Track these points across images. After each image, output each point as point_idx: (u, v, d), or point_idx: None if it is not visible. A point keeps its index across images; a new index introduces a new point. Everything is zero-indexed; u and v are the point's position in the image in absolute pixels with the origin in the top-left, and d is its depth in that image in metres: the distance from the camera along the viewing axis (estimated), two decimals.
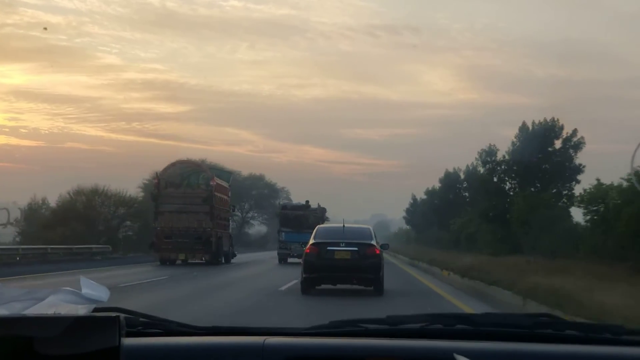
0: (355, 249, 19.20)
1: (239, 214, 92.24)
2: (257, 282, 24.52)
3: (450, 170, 70.61)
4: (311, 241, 19.95)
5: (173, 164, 38.67)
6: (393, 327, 2.49)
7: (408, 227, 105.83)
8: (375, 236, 20.58)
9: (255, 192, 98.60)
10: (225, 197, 41.45)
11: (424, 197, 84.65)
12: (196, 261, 36.84)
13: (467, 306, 17.04)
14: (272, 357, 2.25)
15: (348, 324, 2.52)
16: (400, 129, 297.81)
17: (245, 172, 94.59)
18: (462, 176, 67.34)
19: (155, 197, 38.35)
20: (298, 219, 42.71)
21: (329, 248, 19.25)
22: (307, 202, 44.94)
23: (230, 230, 43.01)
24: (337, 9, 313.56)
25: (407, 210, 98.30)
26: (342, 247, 19.24)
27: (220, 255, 38.18)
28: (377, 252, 19.46)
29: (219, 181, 40.24)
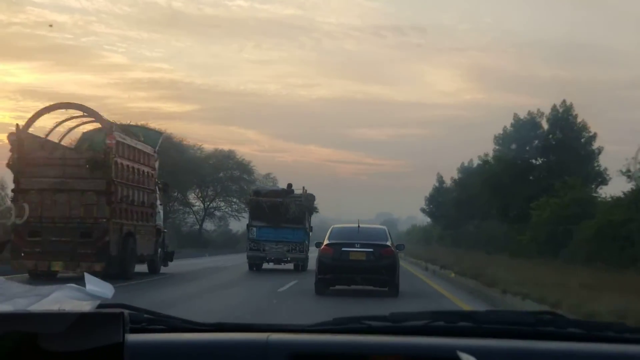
0: (371, 249, 19.09)
1: (201, 204, 71.51)
2: None
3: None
4: (325, 242, 19.84)
5: (49, 108, 24.30)
6: (396, 325, 2.50)
7: (429, 221, 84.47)
8: (390, 237, 20.47)
9: (223, 174, 71.28)
10: (147, 169, 25.88)
11: (454, 178, 67.24)
12: (82, 273, 11.90)
13: None
14: (276, 354, 2.25)
15: (351, 321, 2.53)
16: (405, 129, 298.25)
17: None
18: (544, 124, 45.58)
19: (13, 165, 22.80)
20: (275, 208, 30.87)
21: (343, 249, 19.12)
22: (289, 185, 33.31)
23: (158, 223, 27.63)
24: (343, 9, 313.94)
25: (430, 198, 76.40)
26: (357, 247, 19.12)
27: (127, 263, 23.51)
28: (393, 253, 19.38)
29: (130, 141, 24.52)
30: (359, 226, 20.42)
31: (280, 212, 30.94)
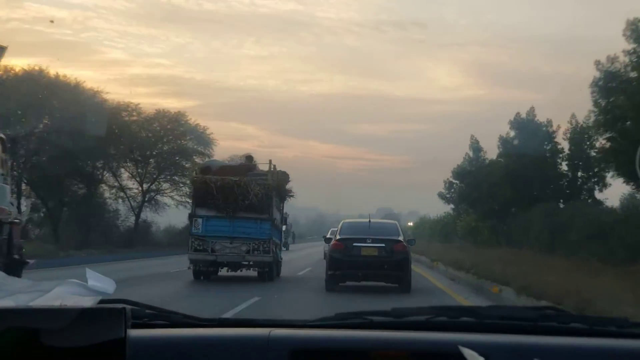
0: (383, 245, 18.81)
1: (139, 191, 51.96)
2: None
3: None
4: (337, 237, 19.49)
5: None
6: (398, 320, 2.50)
7: (450, 210, 60.41)
8: (402, 232, 20.21)
9: (168, 147, 51.48)
10: None
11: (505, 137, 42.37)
12: None
13: None
14: (278, 349, 2.25)
15: (353, 316, 2.53)
16: (406, 125, 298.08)
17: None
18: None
19: None
20: (229, 191, 21.70)
21: (355, 244, 18.82)
22: (249, 158, 24.29)
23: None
24: (343, 4, 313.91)
25: (458, 175, 51.78)
26: (369, 243, 18.84)
27: None
28: (405, 248, 19.10)
29: None
30: (369, 221, 20.06)
31: (237, 196, 21.67)
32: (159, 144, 51.38)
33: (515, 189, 39.71)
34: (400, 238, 19.36)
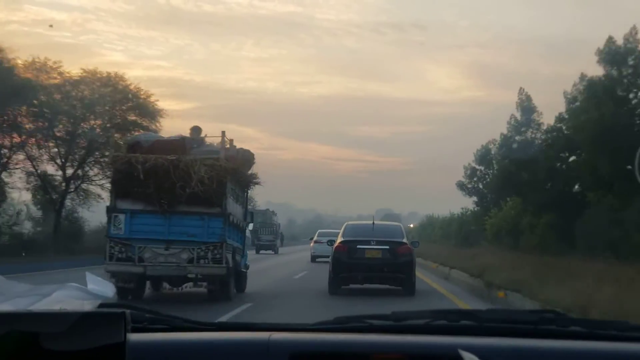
0: (387, 247, 18.63)
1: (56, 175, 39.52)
2: None
3: None
4: (340, 239, 19.23)
5: None
6: (398, 323, 2.50)
7: (473, 206, 47.35)
8: (406, 234, 19.95)
9: (101, 119, 39.20)
10: None
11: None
12: None
13: None
14: (278, 353, 2.25)
15: (353, 320, 2.53)
16: (405, 127, 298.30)
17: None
18: None
19: None
20: (163, 175, 15.69)
21: (359, 246, 18.61)
22: (196, 130, 17.76)
23: None
24: (342, 5, 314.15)
25: (483, 158, 42.82)
26: (373, 245, 18.63)
27: None
28: (410, 250, 18.90)
29: None
30: (373, 223, 19.92)
31: (175, 182, 15.64)
32: (88, 115, 38.52)
33: (614, 160, 22.96)
34: (405, 240, 19.21)
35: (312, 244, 40.84)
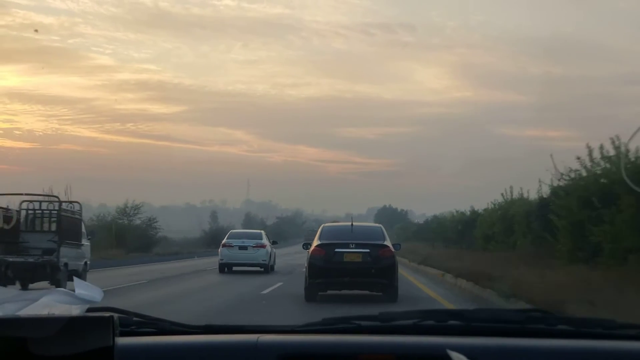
0: (367, 250, 17.43)
1: None
2: None
3: None
4: (316, 242, 17.95)
5: None
6: (385, 324, 2.50)
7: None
8: (387, 236, 18.58)
9: None
10: None
11: None
12: None
13: None
14: (266, 355, 2.25)
15: (341, 321, 2.53)
16: (394, 128, 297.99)
17: (239, 172, 38.91)
18: None
19: None
20: None
21: (337, 250, 17.39)
22: None
23: None
24: (330, 7, 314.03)
25: None
26: (352, 248, 17.43)
27: None
28: (392, 253, 17.66)
29: None
30: (352, 224, 18.58)
31: None
32: None
33: None
34: (386, 242, 17.95)
35: (220, 249, 31.66)
